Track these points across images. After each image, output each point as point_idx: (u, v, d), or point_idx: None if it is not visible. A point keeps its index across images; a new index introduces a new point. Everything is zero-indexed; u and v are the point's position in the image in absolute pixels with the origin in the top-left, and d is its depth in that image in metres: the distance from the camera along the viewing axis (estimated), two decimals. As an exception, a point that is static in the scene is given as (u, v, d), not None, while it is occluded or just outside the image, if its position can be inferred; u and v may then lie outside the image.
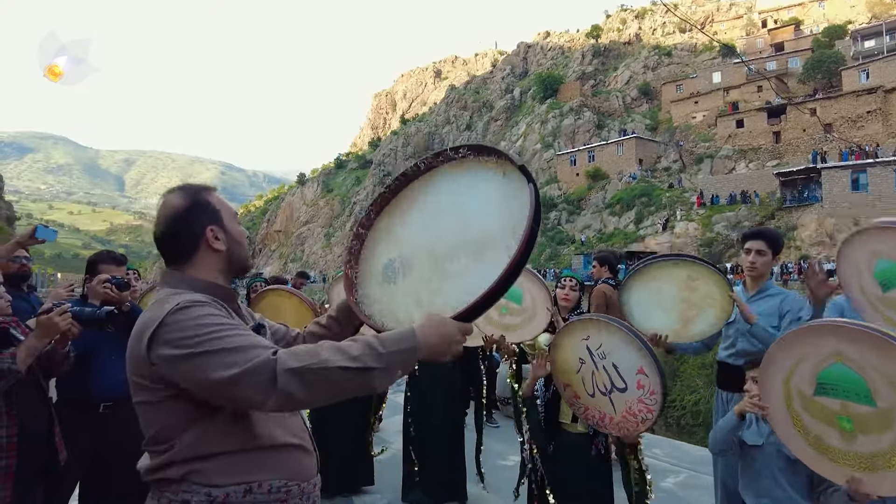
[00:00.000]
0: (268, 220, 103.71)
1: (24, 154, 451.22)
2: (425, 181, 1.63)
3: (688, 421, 16.71)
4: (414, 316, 1.42)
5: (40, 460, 2.42)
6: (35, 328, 2.35)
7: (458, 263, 1.43)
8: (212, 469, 1.34)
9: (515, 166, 1.42)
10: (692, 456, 5.67)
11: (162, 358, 1.31)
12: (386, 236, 1.62)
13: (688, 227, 41.75)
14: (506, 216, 1.38)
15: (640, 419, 2.66)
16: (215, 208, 1.54)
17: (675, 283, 3.31)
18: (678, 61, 69.85)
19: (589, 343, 2.79)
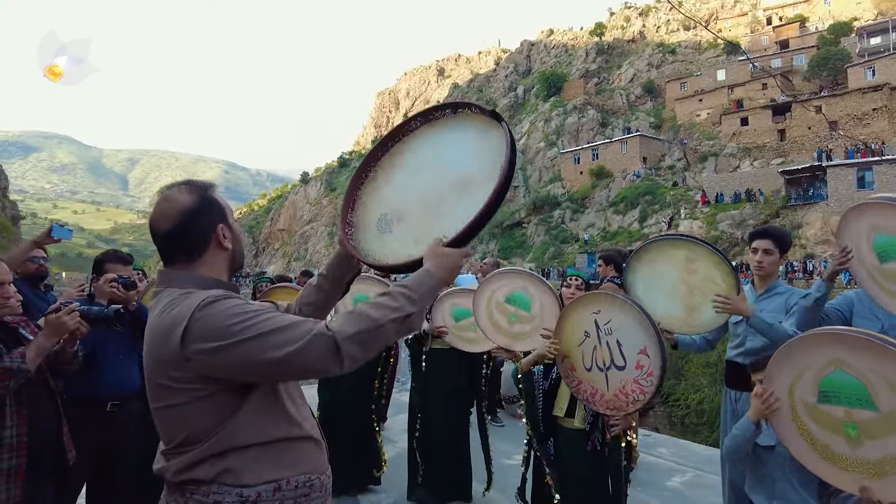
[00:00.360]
0: (271, 219, 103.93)
1: (28, 153, 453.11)
2: (403, 144, 1.76)
3: (692, 420, 16.66)
4: (412, 252, 1.54)
5: (50, 459, 2.43)
6: (44, 327, 2.35)
7: (448, 202, 1.57)
8: (242, 468, 1.34)
9: (485, 113, 1.60)
10: (698, 455, 5.64)
11: (201, 352, 1.29)
12: (375, 198, 1.73)
13: (692, 225, 41.67)
14: (482, 156, 1.56)
15: (632, 399, 2.70)
16: (221, 206, 1.52)
17: (674, 265, 3.23)
18: (682, 59, 69.64)
19: (598, 317, 2.82)
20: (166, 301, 1.40)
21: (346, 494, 4.56)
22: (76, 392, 2.79)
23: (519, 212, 57.82)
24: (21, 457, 2.28)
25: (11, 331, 2.44)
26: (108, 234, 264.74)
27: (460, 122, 1.67)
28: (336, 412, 4.56)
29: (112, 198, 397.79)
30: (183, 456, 1.35)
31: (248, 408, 1.37)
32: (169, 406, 1.36)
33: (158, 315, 1.39)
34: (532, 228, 54.19)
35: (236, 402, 1.36)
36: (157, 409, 1.39)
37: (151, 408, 1.41)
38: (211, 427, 1.34)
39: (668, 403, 18.24)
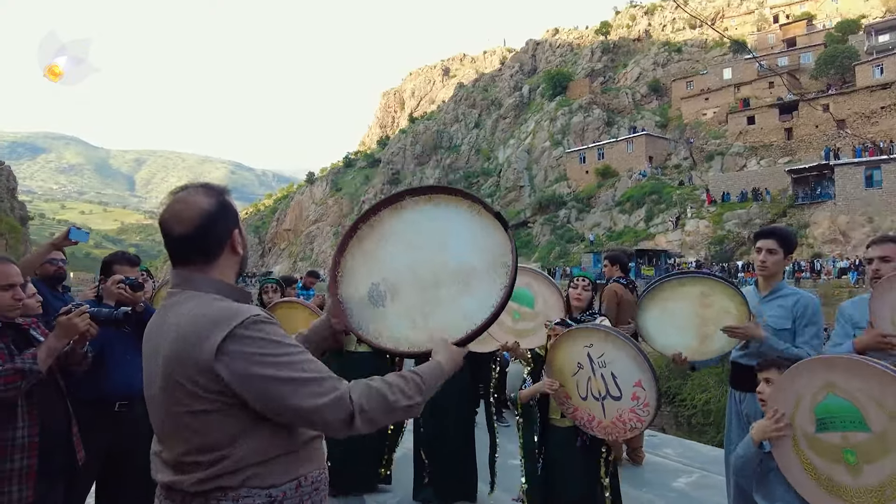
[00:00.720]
0: (277, 219, 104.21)
1: (37, 154, 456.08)
2: (397, 213, 1.76)
3: (699, 420, 16.58)
4: (409, 335, 1.61)
5: (60, 459, 2.45)
6: (55, 329, 2.38)
7: (448, 291, 1.61)
8: (268, 471, 1.36)
9: (491, 213, 1.65)
10: (704, 456, 5.63)
11: (235, 373, 1.29)
12: (364, 261, 1.73)
13: (698, 224, 41.50)
14: (485, 252, 1.62)
15: (630, 427, 2.79)
16: (235, 211, 1.52)
17: (688, 301, 3.27)
18: (688, 58, 69.38)
19: (591, 350, 2.89)
20: (193, 304, 1.39)
21: (352, 494, 4.57)
22: (85, 393, 2.82)
23: (524, 211, 57.78)
24: (33, 457, 2.30)
25: (23, 332, 2.47)
26: (116, 235, 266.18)
27: (465, 211, 1.69)
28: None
29: (119, 198, 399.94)
30: (203, 466, 1.33)
31: (266, 425, 1.37)
32: (191, 412, 1.33)
33: (189, 315, 1.37)
34: (537, 228, 54.14)
35: (256, 418, 1.35)
36: (176, 413, 1.35)
37: (166, 410, 1.37)
38: (231, 435, 1.33)
39: (675, 403, 18.18)
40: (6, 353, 2.32)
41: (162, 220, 1.47)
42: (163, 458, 1.42)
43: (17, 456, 2.26)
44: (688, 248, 40.52)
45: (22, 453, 2.27)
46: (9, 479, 2.23)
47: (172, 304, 1.44)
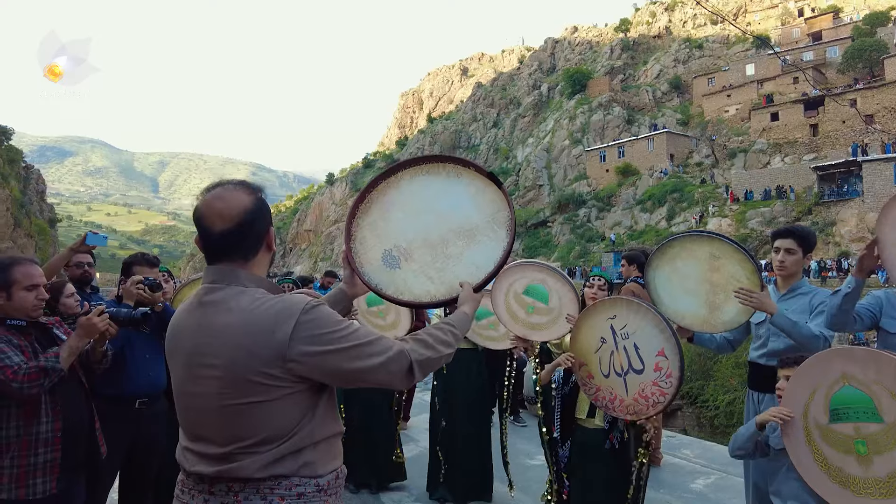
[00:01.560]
0: (298, 220, 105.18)
1: (65, 157, 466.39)
2: (395, 185, 1.91)
3: (721, 421, 16.35)
4: (429, 289, 1.77)
5: (82, 454, 2.53)
6: (76, 328, 2.44)
7: (455, 247, 1.79)
8: (316, 460, 1.44)
9: (483, 173, 1.84)
10: (723, 457, 5.55)
11: (306, 354, 1.37)
12: (373, 232, 1.86)
13: (721, 223, 40.91)
14: (482, 208, 1.81)
15: (652, 402, 2.70)
16: (269, 209, 1.57)
17: (697, 262, 3.14)
18: (710, 54, 68.43)
19: (614, 322, 2.83)
20: (247, 299, 1.41)
21: (366, 490, 4.61)
22: (106, 390, 2.90)
23: (543, 210, 57.49)
24: (56, 451, 2.37)
25: (47, 330, 2.55)
26: (140, 236, 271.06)
27: (456, 174, 1.88)
28: (357, 410, 4.63)
29: (143, 200, 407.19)
30: (260, 454, 1.36)
31: (322, 405, 1.48)
32: (255, 402, 1.36)
33: (249, 311, 1.39)
34: (557, 227, 53.83)
35: (315, 400, 1.46)
36: (234, 406, 1.37)
37: (219, 404, 1.38)
38: (293, 423, 1.40)
39: (697, 404, 17.96)
40: (30, 352, 2.39)
41: (201, 217, 1.47)
42: (200, 452, 1.42)
43: (41, 450, 2.34)
44: (710, 247, 39.97)
45: (46, 447, 2.35)
46: (34, 472, 2.31)
47: (215, 301, 1.44)
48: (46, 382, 2.28)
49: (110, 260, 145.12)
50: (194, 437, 1.45)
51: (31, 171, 52.24)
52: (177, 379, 1.49)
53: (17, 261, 2.47)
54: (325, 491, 1.44)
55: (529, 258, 46.02)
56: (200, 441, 1.43)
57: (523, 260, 3.99)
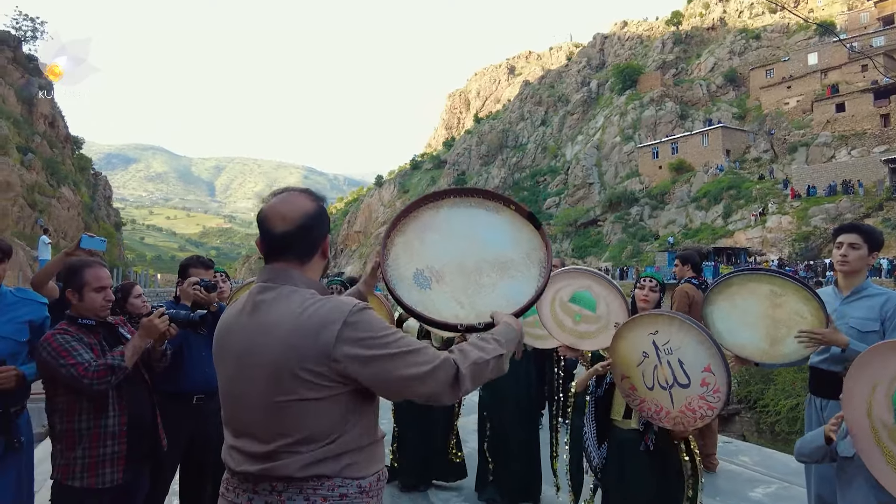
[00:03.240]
0: (348, 222, 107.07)
1: (128, 164, 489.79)
2: (435, 209, 1.94)
3: (783, 428, 15.62)
4: (458, 314, 1.75)
5: (146, 447, 2.67)
6: (139, 329, 2.58)
7: (489, 277, 1.81)
8: (360, 461, 1.46)
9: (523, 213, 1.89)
10: (785, 466, 5.32)
11: (350, 356, 1.39)
12: (407, 251, 1.87)
13: (781, 220, 39.17)
14: (519, 245, 1.85)
15: (700, 415, 2.67)
16: (328, 218, 1.63)
17: (757, 299, 3.06)
18: (768, 44, 65.67)
19: (656, 338, 2.78)
20: (299, 298, 1.46)
21: (415, 490, 4.65)
22: (165, 387, 3.04)
23: (594, 209, 56.55)
24: (122, 444, 2.52)
25: (113, 329, 2.71)
26: (198, 238, 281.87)
27: (496, 210, 1.92)
28: (409, 410, 4.68)
29: (200, 203, 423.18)
30: (302, 454, 1.39)
31: (366, 411, 1.50)
32: (300, 400, 1.39)
33: (301, 309, 1.43)
34: (608, 226, 52.83)
35: (359, 404, 1.47)
36: (282, 404, 1.40)
37: (266, 402, 1.41)
38: (336, 425, 1.42)
39: (756, 409, 17.24)
40: (98, 350, 2.54)
41: (264, 218, 1.54)
42: (245, 451, 1.45)
43: (109, 442, 2.49)
44: (769, 246, 38.32)
45: (113, 440, 2.49)
46: (102, 463, 2.46)
47: (267, 300, 1.49)
48: (113, 379, 2.42)
49: (170, 262, 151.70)
50: (239, 434, 1.49)
51: (99, 177, 55.14)
52: (225, 377, 1.53)
53: (88, 263, 2.63)
54: (366, 493, 1.45)
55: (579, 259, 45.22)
56: (245, 438, 1.46)
57: (569, 266, 3.93)
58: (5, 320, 2.58)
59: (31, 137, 34.88)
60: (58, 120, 42.38)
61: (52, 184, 33.99)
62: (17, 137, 31.23)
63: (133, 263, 66.97)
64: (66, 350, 2.40)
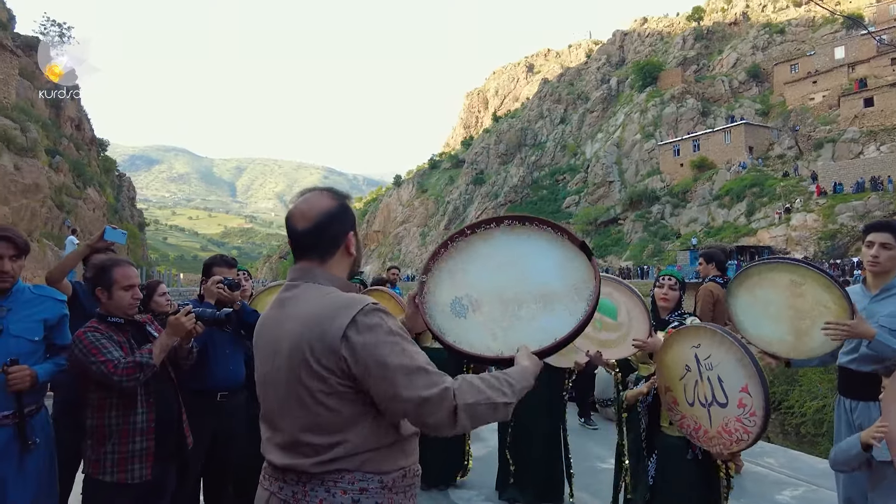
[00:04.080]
0: (367, 221, 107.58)
1: (152, 165, 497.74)
2: (485, 237, 1.86)
3: (808, 430, 15.33)
4: (490, 345, 1.67)
5: (173, 444, 2.71)
6: (167, 327, 2.63)
7: (528, 309, 1.70)
8: (382, 457, 1.45)
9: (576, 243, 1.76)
10: (812, 468, 5.21)
11: (355, 357, 1.38)
12: (448, 277, 1.82)
13: (806, 218, 38.39)
14: (566, 277, 1.72)
15: (735, 438, 2.56)
16: (353, 215, 1.64)
17: (778, 289, 2.99)
18: (792, 38, 64.39)
19: (698, 351, 2.70)
20: (316, 293, 1.50)
21: (435, 489, 4.66)
22: (190, 384, 3.08)
23: (614, 208, 56.06)
24: (150, 440, 2.57)
25: (141, 327, 2.76)
26: (219, 238, 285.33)
27: (547, 238, 1.80)
28: None
29: (222, 204, 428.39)
30: (316, 448, 1.41)
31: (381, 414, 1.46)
32: (314, 390, 1.41)
33: (315, 302, 1.47)
34: (629, 225, 52.33)
35: (372, 408, 1.44)
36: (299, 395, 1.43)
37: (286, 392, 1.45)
38: (348, 419, 1.42)
39: (781, 410, 16.94)
40: (127, 347, 2.59)
41: (289, 217, 1.59)
42: (276, 443, 1.50)
43: (138, 438, 2.53)
44: (794, 244, 37.60)
45: (141, 436, 2.54)
46: (131, 459, 2.51)
47: (290, 298, 1.54)
48: (141, 377, 2.46)
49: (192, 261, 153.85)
50: (270, 426, 1.54)
51: (123, 178, 56.14)
52: (259, 372, 1.59)
53: (117, 262, 2.68)
54: (389, 488, 1.44)
55: (599, 258, 44.68)
56: (274, 430, 1.52)
57: None
58: (19, 318, 2.54)
59: (59, 140, 35.62)
60: (84, 123, 43.24)
61: (78, 185, 34.68)
62: (46, 140, 31.92)
63: (156, 263, 68.10)
64: (97, 347, 2.45)
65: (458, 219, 78.90)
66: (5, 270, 2.46)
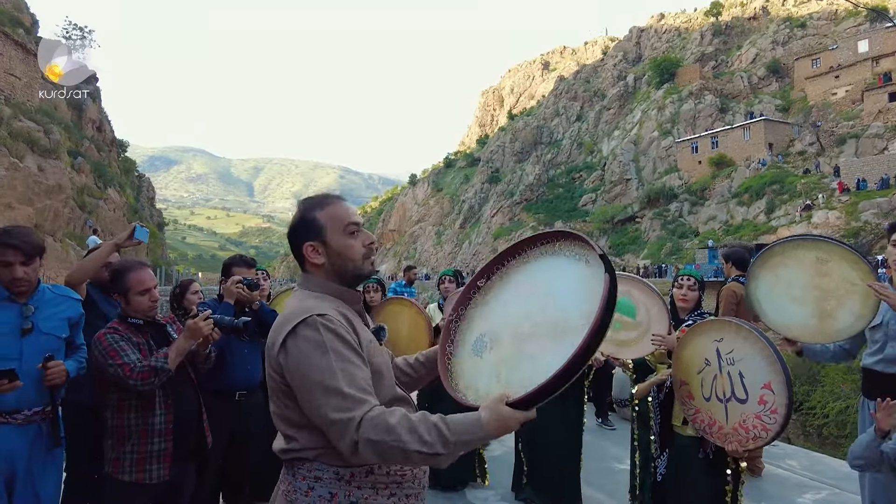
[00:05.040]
0: (383, 220, 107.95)
1: (170, 166, 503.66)
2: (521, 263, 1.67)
3: (831, 431, 15.08)
4: (493, 389, 1.46)
5: (192, 444, 2.73)
6: (184, 331, 2.65)
7: (537, 345, 1.45)
8: (338, 454, 1.45)
9: (596, 253, 1.44)
10: (835, 471, 5.12)
11: (286, 365, 1.45)
12: (481, 312, 1.68)
13: (828, 215, 37.71)
14: (586, 301, 1.38)
15: (752, 435, 2.52)
16: (319, 224, 1.60)
17: (803, 268, 2.88)
18: (814, 32, 63.29)
19: (720, 345, 2.67)
20: (294, 299, 1.60)
21: (451, 490, 4.65)
22: (209, 384, 3.10)
23: (631, 206, 55.57)
24: (168, 441, 2.58)
25: (161, 328, 2.78)
26: (237, 238, 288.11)
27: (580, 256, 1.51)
28: (437, 408, 4.67)
29: (240, 204, 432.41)
30: (289, 439, 1.51)
31: None
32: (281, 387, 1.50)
33: (287, 307, 1.57)
34: (646, 223, 51.83)
35: None
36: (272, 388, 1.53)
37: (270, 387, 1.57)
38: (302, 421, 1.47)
39: (802, 412, 16.67)
40: (146, 349, 2.61)
41: None
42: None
43: (156, 439, 2.55)
44: (816, 242, 36.95)
45: (160, 437, 2.56)
46: (149, 459, 2.53)
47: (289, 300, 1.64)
48: (157, 381, 2.49)
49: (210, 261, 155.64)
50: None
51: (142, 179, 56.88)
52: None
53: (130, 267, 2.67)
54: (348, 481, 1.46)
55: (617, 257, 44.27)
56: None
57: None
58: (46, 316, 2.60)
59: (81, 142, 36.21)
60: (105, 124, 43.90)
61: (99, 186, 35.23)
62: (68, 142, 32.48)
63: (175, 262, 69.05)
64: (115, 350, 2.48)
65: (473, 217, 78.81)
66: (18, 277, 2.49)
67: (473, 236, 74.50)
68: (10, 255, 2.46)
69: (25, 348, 2.48)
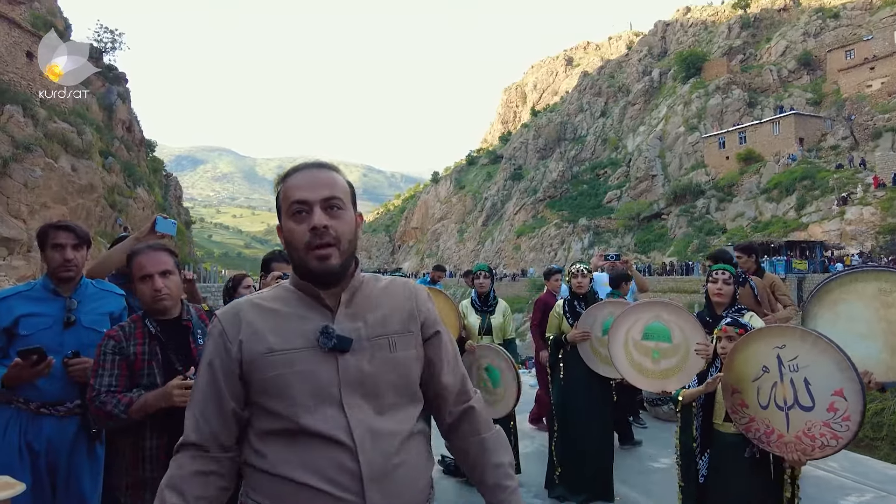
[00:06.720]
0: (406, 218, 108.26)
1: (197, 165, 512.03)
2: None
3: (866, 433, 14.62)
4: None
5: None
6: (158, 390, 2.25)
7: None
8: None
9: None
10: (879, 473, 4.96)
11: None
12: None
13: (862, 212, 36.66)
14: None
15: (820, 444, 2.41)
16: (278, 204, 1.35)
17: (865, 301, 2.76)
18: (848, 23, 61.50)
19: (782, 352, 2.55)
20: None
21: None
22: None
23: (657, 202, 54.79)
24: (159, 470, 2.14)
25: (185, 332, 2.34)
26: (262, 236, 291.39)
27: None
28: None
29: (265, 202, 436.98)
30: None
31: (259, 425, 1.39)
32: None
33: None
34: (672, 220, 51.06)
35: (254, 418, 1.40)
36: None
37: None
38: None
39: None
40: (145, 360, 2.23)
41: None
42: None
43: (148, 466, 2.23)
44: (849, 239, 35.99)
45: (151, 464, 2.23)
46: (143, 486, 2.21)
47: None
48: (109, 425, 2.21)
49: (237, 258, 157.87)
50: None
51: (170, 178, 57.90)
52: None
53: (137, 251, 2.32)
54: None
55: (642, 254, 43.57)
56: None
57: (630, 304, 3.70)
58: (87, 311, 2.58)
59: (111, 142, 37.00)
60: (134, 125, 44.76)
61: (129, 185, 35.96)
62: (100, 143, 33.20)
63: (202, 260, 70.11)
64: (98, 363, 2.21)
65: (495, 215, 78.54)
66: (69, 259, 2.51)
67: (496, 234, 74.27)
68: (62, 237, 2.50)
69: (67, 341, 2.49)
